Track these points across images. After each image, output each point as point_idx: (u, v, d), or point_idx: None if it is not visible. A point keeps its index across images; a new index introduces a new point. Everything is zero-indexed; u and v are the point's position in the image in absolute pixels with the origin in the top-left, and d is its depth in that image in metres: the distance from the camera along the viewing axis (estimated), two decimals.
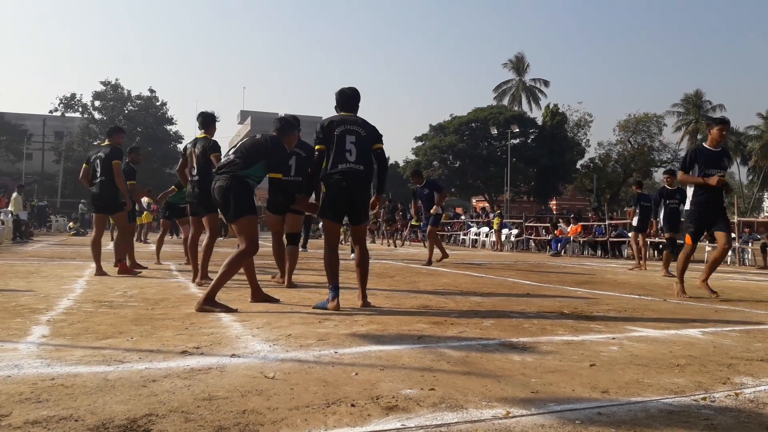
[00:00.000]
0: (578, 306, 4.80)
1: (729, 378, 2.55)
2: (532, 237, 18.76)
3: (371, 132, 4.44)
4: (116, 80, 43.29)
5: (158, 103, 44.39)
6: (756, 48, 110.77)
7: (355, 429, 1.81)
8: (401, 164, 47.22)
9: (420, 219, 10.44)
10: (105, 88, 42.99)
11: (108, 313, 3.93)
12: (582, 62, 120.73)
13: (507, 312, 4.41)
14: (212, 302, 4.10)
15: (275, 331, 3.37)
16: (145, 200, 13.30)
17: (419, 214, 10.25)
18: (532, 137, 43.03)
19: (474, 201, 49.94)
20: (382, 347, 3.00)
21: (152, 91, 44.26)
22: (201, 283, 5.78)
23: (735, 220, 13.68)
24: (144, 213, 13.19)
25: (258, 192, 5.13)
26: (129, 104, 43.72)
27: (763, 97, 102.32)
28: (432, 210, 9.65)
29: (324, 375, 2.42)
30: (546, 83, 51.84)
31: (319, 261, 8.90)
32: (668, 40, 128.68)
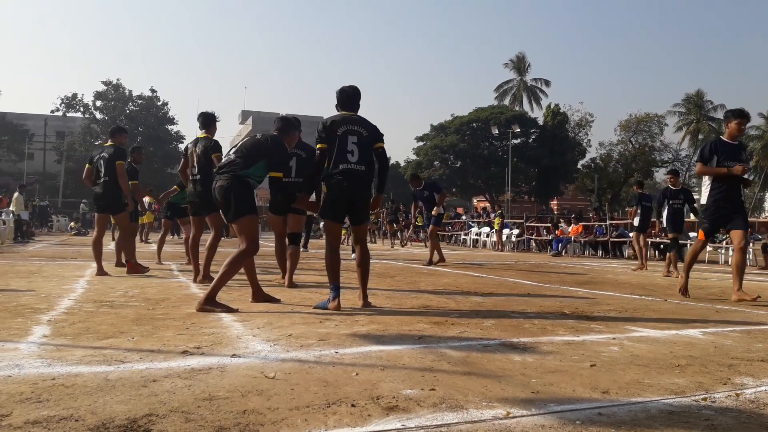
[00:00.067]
0: (579, 306, 4.80)
1: (730, 378, 2.55)
2: (533, 237, 18.74)
3: (372, 131, 4.44)
4: (117, 80, 43.31)
5: (159, 103, 44.38)
6: (756, 48, 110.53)
7: (356, 429, 1.82)
8: (402, 164, 47.23)
9: (423, 219, 10.51)
10: (106, 88, 42.99)
11: (109, 313, 3.94)
12: (583, 62, 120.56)
13: (508, 312, 4.41)
14: (213, 302, 4.10)
15: (276, 331, 3.37)
16: (147, 200, 13.33)
17: (421, 215, 10.32)
18: (533, 137, 43.02)
19: (475, 201, 49.93)
20: (383, 347, 3.01)
21: (153, 91, 44.31)
22: (203, 282, 5.80)
23: None
24: (146, 213, 13.21)
25: (259, 192, 5.14)
26: (130, 104, 43.71)
27: (764, 97, 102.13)
28: (433, 211, 9.80)
29: (324, 375, 2.43)
30: (547, 83, 51.83)
31: (320, 261, 8.87)
32: (668, 40, 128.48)
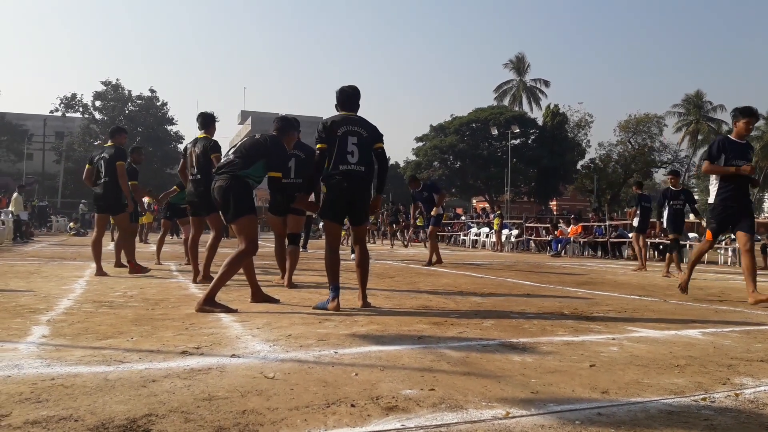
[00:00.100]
0: (578, 306, 4.80)
1: (729, 378, 2.55)
2: (533, 237, 18.74)
3: (372, 132, 4.44)
4: (117, 80, 43.36)
5: (159, 104, 44.40)
6: (756, 48, 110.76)
7: (355, 429, 1.81)
8: (401, 165, 47.24)
9: (423, 219, 10.57)
10: (105, 88, 43.01)
11: (108, 314, 3.93)
12: (582, 62, 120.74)
13: (507, 312, 4.41)
14: (212, 302, 4.10)
15: (275, 332, 3.37)
16: (146, 200, 13.32)
17: (422, 215, 10.39)
18: (533, 138, 43.04)
19: (474, 201, 49.96)
20: (382, 347, 3.00)
21: (153, 92, 44.35)
22: (203, 282, 5.80)
23: None
24: (145, 213, 13.20)
25: (259, 192, 5.15)
26: (130, 104, 43.73)
27: (764, 98, 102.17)
28: (432, 212, 9.84)
29: (324, 375, 2.43)
30: (546, 83, 51.90)
31: (320, 261, 8.87)
32: (668, 40, 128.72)
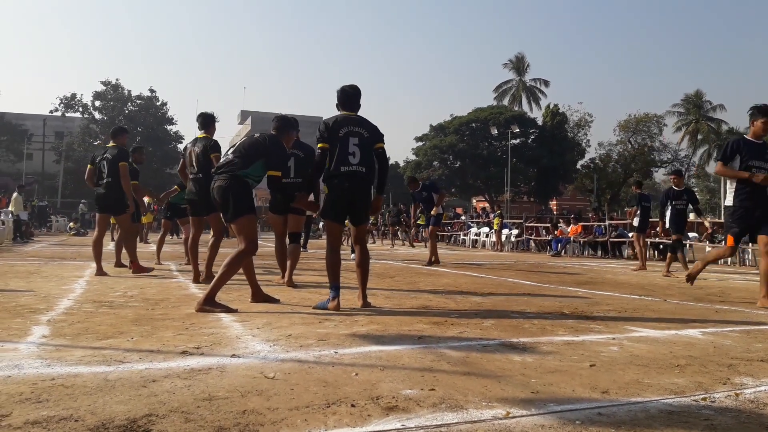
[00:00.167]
0: (578, 306, 4.80)
1: (729, 378, 2.55)
2: (533, 237, 18.74)
3: (373, 132, 4.45)
4: (117, 80, 43.39)
5: (158, 103, 44.42)
6: (756, 48, 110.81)
7: (356, 429, 1.81)
8: (401, 164, 47.24)
9: (424, 219, 10.63)
10: (105, 88, 43.01)
11: (108, 314, 3.93)
12: (582, 62, 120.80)
13: (507, 312, 4.41)
14: (212, 302, 4.10)
15: (275, 332, 3.37)
16: (146, 200, 13.31)
17: (423, 214, 10.44)
18: (533, 137, 43.06)
19: (474, 201, 49.96)
20: (383, 347, 3.00)
21: (152, 91, 44.37)
22: (206, 281, 5.81)
23: None
24: (146, 213, 13.21)
25: (258, 192, 5.16)
26: (129, 104, 43.74)
27: (764, 98, 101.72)
28: (432, 211, 9.86)
29: (324, 375, 2.43)
30: (546, 83, 51.91)
31: (320, 261, 8.85)
32: (668, 40, 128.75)
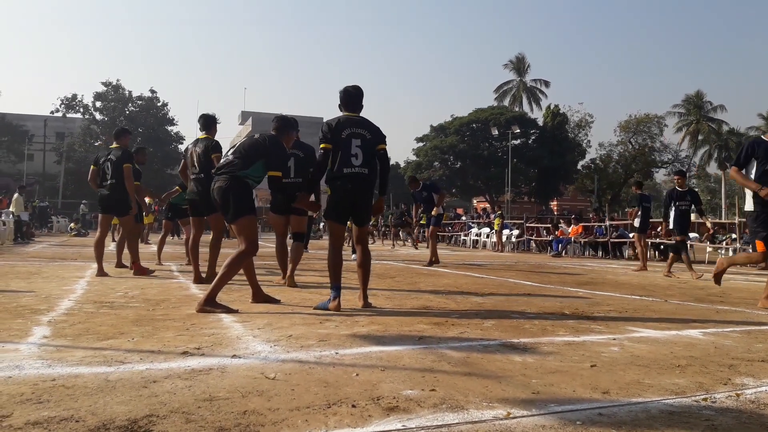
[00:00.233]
0: (579, 306, 4.80)
1: (730, 379, 2.55)
2: (533, 238, 18.72)
3: (375, 133, 4.47)
4: (117, 81, 43.38)
5: (159, 104, 44.42)
6: (756, 48, 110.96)
7: (356, 430, 1.81)
8: (402, 165, 47.23)
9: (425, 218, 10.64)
10: (106, 89, 43.01)
11: (109, 314, 3.93)
12: (582, 62, 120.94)
13: (508, 312, 4.41)
14: (213, 303, 4.10)
15: (276, 332, 3.37)
16: (147, 200, 13.30)
17: (424, 214, 10.45)
18: (533, 138, 43.04)
19: (475, 202, 49.92)
20: (383, 348, 3.00)
21: (153, 92, 44.37)
22: (209, 281, 5.85)
23: (736, 221, 13.71)
24: (148, 214, 13.20)
25: (259, 193, 5.16)
26: (130, 105, 43.73)
27: (764, 98, 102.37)
28: (433, 212, 9.84)
29: (325, 376, 2.43)
30: (547, 84, 51.89)
31: (320, 262, 8.85)
32: (668, 40, 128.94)
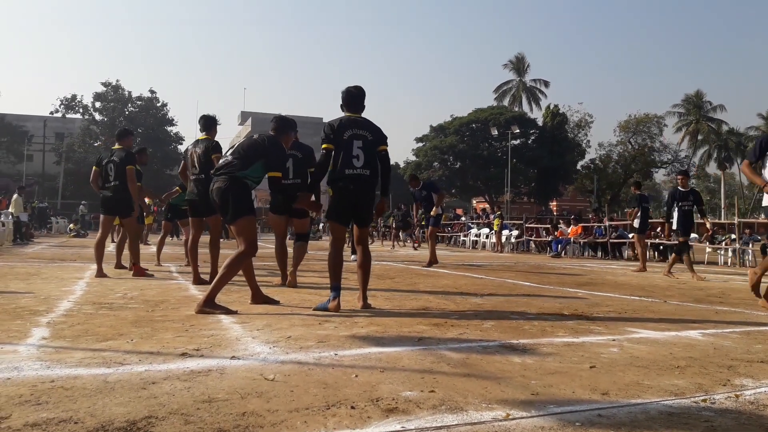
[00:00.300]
0: (578, 307, 4.80)
1: (729, 380, 2.55)
2: (533, 238, 18.73)
3: (376, 134, 4.47)
4: (117, 81, 43.31)
5: (159, 104, 44.38)
6: (756, 48, 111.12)
7: (355, 431, 1.81)
8: (402, 165, 47.23)
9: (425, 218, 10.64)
10: (105, 89, 42.94)
11: (108, 315, 3.93)
12: (582, 62, 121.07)
13: (507, 313, 4.41)
14: (212, 304, 4.10)
15: (275, 333, 3.37)
16: (147, 201, 13.30)
17: (423, 215, 10.46)
18: (533, 138, 43.05)
19: (474, 202, 49.97)
20: (382, 349, 3.00)
21: (153, 92, 44.31)
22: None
23: (735, 221, 13.72)
24: (149, 215, 13.20)
25: (258, 193, 5.17)
26: (130, 105, 43.67)
27: (764, 98, 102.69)
28: (432, 212, 9.83)
29: (324, 377, 2.42)
30: (546, 84, 51.90)
31: (320, 262, 8.84)
32: (668, 40, 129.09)
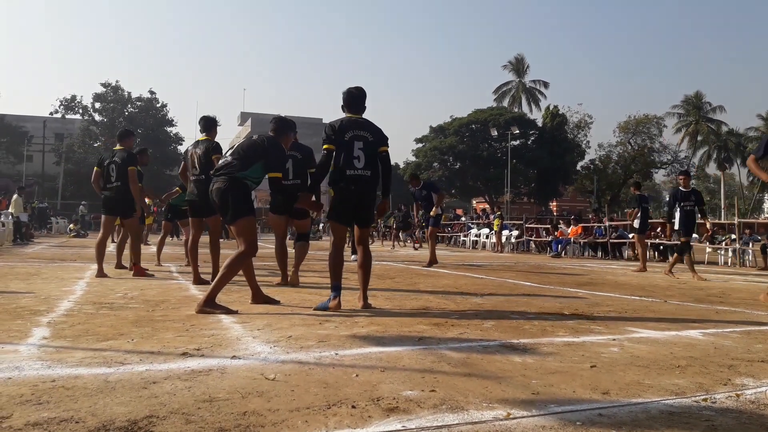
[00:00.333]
0: (579, 307, 4.80)
1: (730, 379, 2.55)
2: (533, 238, 18.73)
3: (377, 135, 4.48)
4: (116, 82, 43.28)
5: (158, 105, 44.33)
6: (756, 48, 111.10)
7: (356, 430, 1.81)
8: (401, 166, 47.23)
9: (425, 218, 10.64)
10: (105, 90, 42.90)
11: (108, 315, 3.93)
12: (582, 63, 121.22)
13: (508, 313, 4.41)
14: (212, 304, 4.10)
15: (276, 333, 3.37)
16: (147, 201, 13.31)
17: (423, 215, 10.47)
18: (533, 139, 43.04)
19: (474, 202, 49.97)
20: (383, 348, 3.00)
21: (152, 93, 44.26)
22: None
23: (735, 222, 13.72)
24: (149, 215, 13.19)
25: (259, 194, 5.18)
26: (129, 106, 43.62)
27: (763, 98, 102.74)
28: (432, 212, 9.82)
29: (324, 376, 2.42)
30: (546, 84, 51.92)
31: (320, 262, 8.84)
32: (668, 40, 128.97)
